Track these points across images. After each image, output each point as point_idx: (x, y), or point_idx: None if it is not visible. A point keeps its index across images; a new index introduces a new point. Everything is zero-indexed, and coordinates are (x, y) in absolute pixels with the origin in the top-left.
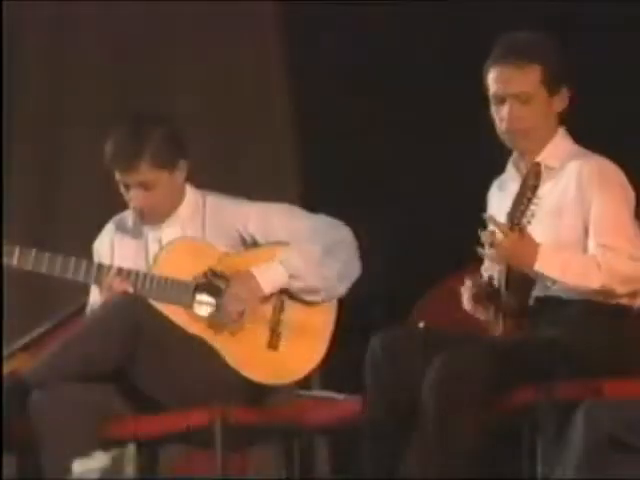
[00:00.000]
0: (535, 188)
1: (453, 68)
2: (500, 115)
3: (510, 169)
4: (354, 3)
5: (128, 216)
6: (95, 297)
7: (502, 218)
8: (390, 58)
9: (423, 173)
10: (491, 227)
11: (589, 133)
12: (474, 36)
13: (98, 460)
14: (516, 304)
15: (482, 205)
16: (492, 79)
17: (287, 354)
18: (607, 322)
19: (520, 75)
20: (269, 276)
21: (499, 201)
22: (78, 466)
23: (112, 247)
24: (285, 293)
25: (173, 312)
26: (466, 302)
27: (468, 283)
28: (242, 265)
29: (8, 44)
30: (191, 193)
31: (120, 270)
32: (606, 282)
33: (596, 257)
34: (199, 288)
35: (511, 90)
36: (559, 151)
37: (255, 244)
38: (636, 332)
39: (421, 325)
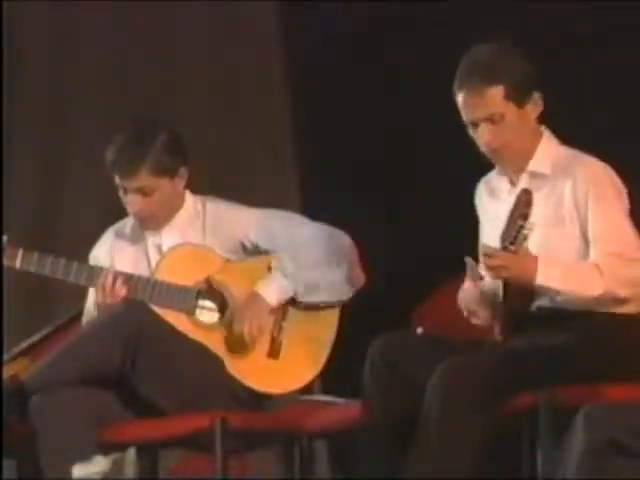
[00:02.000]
0: (526, 216)
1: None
2: (477, 137)
3: (500, 175)
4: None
5: (127, 223)
6: (91, 301)
7: (499, 226)
8: (390, 58)
9: (424, 175)
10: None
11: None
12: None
13: (98, 464)
14: (514, 314)
15: None
16: (459, 105)
17: (288, 363)
18: (608, 329)
19: (483, 100)
20: (274, 290)
21: (493, 207)
22: (78, 470)
23: (111, 254)
24: (287, 302)
25: (175, 318)
26: (464, 309)
27: (463, 292)
28: (243, 273)
29: (8, 44)
30: (190, 199)
31: (122, 275)
32: (610, 287)
33: (598, 264)
34: (201, 294)
35: (478, 115)
36: (548, 156)
37: (256, 250)
38: (637, 340)
39: (419, 331)
